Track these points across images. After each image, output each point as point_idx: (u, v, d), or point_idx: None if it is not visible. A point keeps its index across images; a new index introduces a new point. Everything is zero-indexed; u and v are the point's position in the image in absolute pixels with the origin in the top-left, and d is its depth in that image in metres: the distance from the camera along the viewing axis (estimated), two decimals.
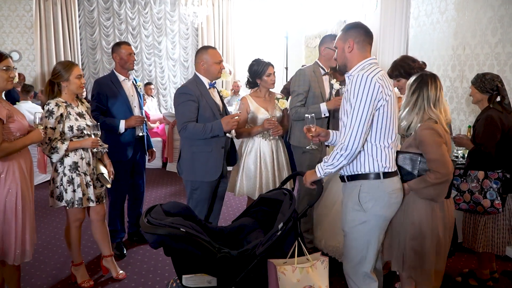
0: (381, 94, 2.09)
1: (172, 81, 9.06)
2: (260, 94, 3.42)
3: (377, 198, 2.18)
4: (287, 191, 2.59)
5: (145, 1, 8.72)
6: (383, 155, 2.17)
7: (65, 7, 8.22)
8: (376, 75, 2.11)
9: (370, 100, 2.08)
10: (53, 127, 2.83)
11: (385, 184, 2.18)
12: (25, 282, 3.20)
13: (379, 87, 2.08)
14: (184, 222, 2.33)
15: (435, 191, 2.28)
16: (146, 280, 3.28)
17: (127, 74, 3.61)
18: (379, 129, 2.15)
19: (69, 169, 2.90)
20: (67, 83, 2.91)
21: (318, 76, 3.50)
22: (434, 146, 2.25)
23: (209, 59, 3.07)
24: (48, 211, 4.71)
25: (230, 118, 2.94)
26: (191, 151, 3.06)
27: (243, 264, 2.24)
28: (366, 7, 6.13)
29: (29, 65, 8.41)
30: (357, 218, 2.21)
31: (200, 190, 3.09)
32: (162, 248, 2.33)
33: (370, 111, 2.09)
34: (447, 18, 4.51)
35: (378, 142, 2.17)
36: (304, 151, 3.57)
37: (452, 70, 4.42)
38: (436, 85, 2.33)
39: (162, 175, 6.53)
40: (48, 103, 2.85)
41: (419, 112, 2.32)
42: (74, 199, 2.92)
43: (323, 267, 2.21)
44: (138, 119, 3.54)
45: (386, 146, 2.18)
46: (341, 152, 2.15)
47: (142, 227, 2.22)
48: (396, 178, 2.23)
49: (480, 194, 2.77)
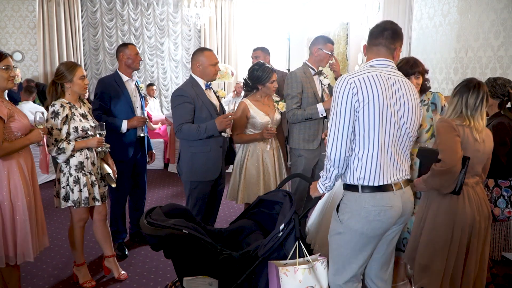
0: (356, 97, 1.92)
1: (174, 82, 9.07)
2: (259, 98, 3.38)
3: (353, 211, 2.02)
4: (286, 193, 2.59)
5: (148, 2, 8.73)
6: (363, 166, 1.98)
7: (68, 8, 8.23)
8: (358, 76, 1.95)
9: (346, 103, 1.93)
10: (59, 128, 2.84)
11: (363, 199, 2.00)
12: (27, 282, 3.20)
13: (354, 88, 1.92)
14: (186, 223, 2.33)
15: (440, 181, 2.30)
16: (147, 280, 3.28)
17: (131, 75, 3.63)
18: (359, 137, 1.97)
19: (75, 169, 2.91)
20: (71, 84, 2.91)
21: (309, 77, 3.53)
22: (445, 135, 2.28)
23: (205, 61, 3.09)
24: (50, 211, 4.72)
25: (223, 117, 2.96)
26: (190, 151, 3.09)
27: (244, 265, 2.24)
28: (368, 9, 6.14)
29: (32, 65, 8.43)
30: (334, 228, 2.13)
31: (198, 189, 3.12)
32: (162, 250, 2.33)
33: (348, 116, 1.94)
34: (449, 21, 4.51)
35: (359, 150, 1.98)
36: (299, 155, 3.58)
37: (454, 73, 4.42)
38: (478, 93, 2.33)
39: (164, 176, 6.53)
40: (53, 104, 2.86)
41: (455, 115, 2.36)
42: (81, 199, 2.93)
43: (322, 268, 2.23)
44: (141, 119, 3.56)
45: (372, 157, 1.96)
46: (327, 161, 2.04)
47: (143, 229, 2.21)
48: (382, 194, 1.99)
49: (490, 203, 2.71)
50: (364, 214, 2.00)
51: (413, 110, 2.04)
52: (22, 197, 2.55)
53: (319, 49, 3.53)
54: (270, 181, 3.32)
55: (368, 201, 2.00)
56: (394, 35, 2.06)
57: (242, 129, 3.34)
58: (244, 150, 3.36)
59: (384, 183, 1.99)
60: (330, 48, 3.55)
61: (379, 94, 1.94)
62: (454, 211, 2.36)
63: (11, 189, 2.53)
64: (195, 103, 3.03)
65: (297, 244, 2.24)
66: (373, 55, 2.09)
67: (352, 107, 1.93)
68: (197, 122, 3.04)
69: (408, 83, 2.08)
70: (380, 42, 2.06)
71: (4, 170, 2.52)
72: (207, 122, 3.00)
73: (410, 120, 2.03)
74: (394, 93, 1.99)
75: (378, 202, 1.99)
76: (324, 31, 7.55)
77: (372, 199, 1.99)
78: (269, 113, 3.33)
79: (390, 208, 2.00)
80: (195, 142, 3.05)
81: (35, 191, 2.71)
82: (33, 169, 2.72)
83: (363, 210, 2.00)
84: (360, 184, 2.00)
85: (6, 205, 2.52)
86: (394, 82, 2.01)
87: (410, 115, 2.03)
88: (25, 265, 2.97)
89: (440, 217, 2.38)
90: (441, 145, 2.30)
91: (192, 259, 2.28)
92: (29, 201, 2.60)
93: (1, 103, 2.50)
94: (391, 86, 1.99)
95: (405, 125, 2.02)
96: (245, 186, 3.31)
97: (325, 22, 7.65)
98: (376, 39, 2.08)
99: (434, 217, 2.40)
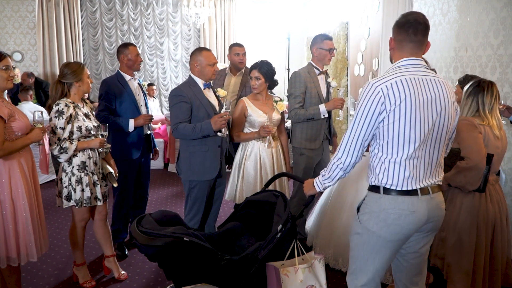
0: (383, 106, 1.82)
1: (174, 82, 9.06)
2: (258, 96, 3.37)
3: (372, 213, 1.95)
4: (278, 193, 2.59)
5: (148, 2, 8.73)
6: (383, 170, 1.90)
7: (67, 8, 8.22)
8: (386, 83, 1.83)
9: (368, 112, 1.84)
10: (62, 127, 2.84)
11: (384, 200, 1.91)
12: (27, 282, 3.20)
13: (381, 97, 1.82)
14: (186, 230, 2.27)
15: (465, 178, 2.32)
16: (148, 280, 3.28)
17: (133, 74, 3.64)
18: (384, 142, 1.89)
19: (78, 169, 2.92)
20: (81, 83, 2.93)
21: (313, 77, 3.53)
22: (467, 133, 2.31)
23: (203, 60, 3.09)
24: (50, 211, 4.72)
25: (218, 117, 2.95)
26: (188, 151, 3.10)
27: (244, 269, 2.22)
28: (368, 8, 6.14)
29: (32, 65, 8.42)
30: (354, 227, 2.06)
31: (197, 188, 3.13)
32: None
33: (369, 124, 1.86)
34: (449, 20, 4.51)
35: (381, 156, 1.91)
36: (301, 154, 3.59)
37: (454, 72, 4.42)
38: (492, 92, 2.39)
39: (164, 175, 6.53)
40: (58, 103, 2.86)
41: (471, 114, 2.40)
42: (83, 198, 2.94)
43: (320, 266, 2.25)
44: (147, 117, 3.58)
45: (389, 162, 1.89)
46: (337, 163, 1.96)
47: (140, 240, 2.11)
48: (404, 198, 1.89)
49: None
50: (383, 216, 1.91)
51: (447, 113, 1.91)
52: (23, 197, 2.56)
53: (318, 48, 3.55)
54: None
55: (389, 204, 1.91)
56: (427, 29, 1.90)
57: (241, 127, 3.34)
58: (243, 150, 3.37)
59: (409, 188, 1.89)
60: (328, 44, 3.55)
61: (407, 100, 1.82)
62: (477, 208, 2.39)
63: (12, 189, 2.53)
64: (192, 103, 3.03)
65: (295, 244, 2.24)
66: (405, 53, 1.92)
67: (374, 116, 1.85)
68: (194, 121, 3.04)
69: (443, 83, 1.93)
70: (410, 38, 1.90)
71: (5, 170, 2.52)
72: (202, 122, 3.00)
73: (443, 124, 1.91)
74: (427, 96, 1.86)
75: (399, 205, 1.90)
76: (324, 30, 7.54)
77: (393, 202, 1.90)
78: (267, 112, 3.33)
79: (411, 213, 1.89)
80: (193, 142, 3.06)
81: (36, 192, 2.71)
82: (34, 169, 2.72)
83: (382, 212, 1.92)
84: (382, 186, 1.92)
85: (8, 205, 2.52)
86: (427, 83, 1.88)
87: (444, 118, 1.90)
88: (25, 265, 2.96)
89: (463, 215, 2.41)
90: (465, 142, 2.33)
91: (192, 267, 2.22)
92: (30, 201, 2.60)
93: (2, 103, 2.50)
94: (423, 88, 1.86)
95: (439, 129, 1.90)
96: (243, 186, 3.32)
97: (325, 22, 7.65)
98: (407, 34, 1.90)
99: (457, 215, 2.43)
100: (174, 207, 5.05)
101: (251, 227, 2.69)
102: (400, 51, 1.93)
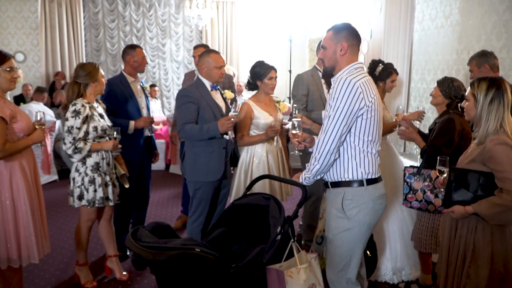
0: (363, 101, 2.02)
1: (176, 83, 9.07)
2: (261, 98, 3.33)
3: (361, 205, 2.12)
4: (269, 196, 2.58)
5: (150, 3, 8.75)
6: (366, 161, 2.12)
7: (70, 9, 8.25)
8: (360, 80, 2.04)
9: (349, 106, 2.01)
10: (78, 127, 2.86)
11: (369, 191, 2.13)
12: (28, 282, 3.21)
13: (361, 93, 2.02)
14: (195, 241, 2.22)
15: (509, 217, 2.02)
16: (149, 281, 3.28)
17: (136, 76, 3.64)
18: (363, 135, 2.09)
19: (91, 170, 2.94)
20: (97, 83, 2.97)
21: (316, 80, 3.53)
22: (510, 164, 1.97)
23: (211, 63, 3.08)
24: (52, 212, 4.73)
25: (225, 120, 2.94)
26: (193, 151, 3.10)
27: (249, 275, 2.19)
28: (370, 11, 6.15)
29: (34, 66, 8.45)
30: (341, 226, 2.15)
31: (202, 189, 3.12)
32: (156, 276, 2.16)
33: (348, 118, 2.03)
34: (451, 22, 4.51)
35: (362, 147, 2.10)
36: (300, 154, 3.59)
37: (456, 74, 4.42)
38: (508, 88, 2.11)
39: (165, 177, 6.54)
40: (75, 103, 2.88)
41: (497, 119, 2.07)
42: (95, 199, 2.96)
43: (316, 264, 2.28)
44: (147, 120, 3.58)
45: (370, 152, 2.12)
46: (315, 157, 2.11)
47: (143, 255, 1.98)
48: (379, 184, 2.18)
49: (432, 193, 2.67)
50: (371, 205, 2.13)
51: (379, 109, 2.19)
52: (24, 198, 2.55)
53: None
54: (275, 184, 3.30)
55: (374, 192, 2.14)
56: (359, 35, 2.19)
57: (245, 130, 3.31)
58: (249, 153, 3.30)
59: (379, 175, 2.19)
60: None
61: (376, 99, 2.09)
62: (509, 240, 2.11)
63: (13, 190, 2.53)
64: (199, 104, 3.03)
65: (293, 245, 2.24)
66: (356, 57, 2.18)
67: (354, 111, 2.03)
68: (200, 122, 3.04)
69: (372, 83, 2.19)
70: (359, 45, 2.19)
71: (6, 171, 2.52)
72: (209, 123, 3.00)
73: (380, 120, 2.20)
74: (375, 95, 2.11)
75: (379, 191, 2.17)
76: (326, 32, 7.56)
77: (375, 190, 2.15)
78: (272, 113, 3.32)
79: (384, 195, 2.21)
80: (198, 143, 3.06)
81: (38, 193, 2.71)
82: (36, 170, 2.71)
83: (371, 201, 2.13)
84: (364, 178, 2.12)
85: (9, 207, 2.52)
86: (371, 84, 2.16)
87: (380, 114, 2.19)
88: (26, 266, 2.97)
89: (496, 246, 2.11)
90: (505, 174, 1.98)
91: (202, 278, 2.12)
92: (31, 203, 2.60)
93: (4, 104, 2.50)
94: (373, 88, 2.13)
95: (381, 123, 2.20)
96: None
97: (327, 24, 7.65)
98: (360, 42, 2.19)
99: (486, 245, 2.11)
100: (176, 208, 5.05)
101: (240, 232, 2.64)
102: (352, 55, 2.15)
